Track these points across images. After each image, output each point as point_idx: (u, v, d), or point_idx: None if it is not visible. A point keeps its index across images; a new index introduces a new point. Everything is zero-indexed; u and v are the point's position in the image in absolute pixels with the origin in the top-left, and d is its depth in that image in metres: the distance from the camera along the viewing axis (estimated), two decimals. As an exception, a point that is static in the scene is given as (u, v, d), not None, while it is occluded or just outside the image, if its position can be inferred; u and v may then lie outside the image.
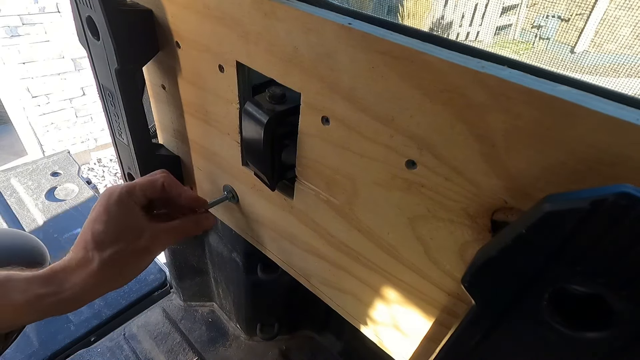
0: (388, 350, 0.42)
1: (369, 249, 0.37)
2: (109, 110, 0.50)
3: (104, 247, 0.38)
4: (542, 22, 3.85)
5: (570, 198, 0.18)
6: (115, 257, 0.38)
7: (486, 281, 0.23)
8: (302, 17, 0.29)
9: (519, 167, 0.23)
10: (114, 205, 0.39)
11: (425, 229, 0.31)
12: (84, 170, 3.55)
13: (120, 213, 0.39)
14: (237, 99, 0.40)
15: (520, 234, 0.20)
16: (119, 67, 0.42)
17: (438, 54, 0.24)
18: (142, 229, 0.40)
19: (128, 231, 0.39)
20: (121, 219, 0.39)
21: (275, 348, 0.92)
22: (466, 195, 0.27)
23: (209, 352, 0.92)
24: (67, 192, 1.40)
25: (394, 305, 0.38)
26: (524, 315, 0.22)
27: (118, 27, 0.40)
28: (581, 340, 0.20)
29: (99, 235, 0.38)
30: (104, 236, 0.38)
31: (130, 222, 0.39)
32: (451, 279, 0.31)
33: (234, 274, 0.82)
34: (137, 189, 0.41)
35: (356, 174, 0.34)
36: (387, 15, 2.43)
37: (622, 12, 3.12)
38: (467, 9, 3.60)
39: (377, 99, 0.28)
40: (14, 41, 2.89)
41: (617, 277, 0.18)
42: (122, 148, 0.54)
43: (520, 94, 0.21)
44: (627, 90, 1.09)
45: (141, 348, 0.92)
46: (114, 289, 0.40)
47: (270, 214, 0.47)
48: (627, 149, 0.19)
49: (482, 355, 0.25)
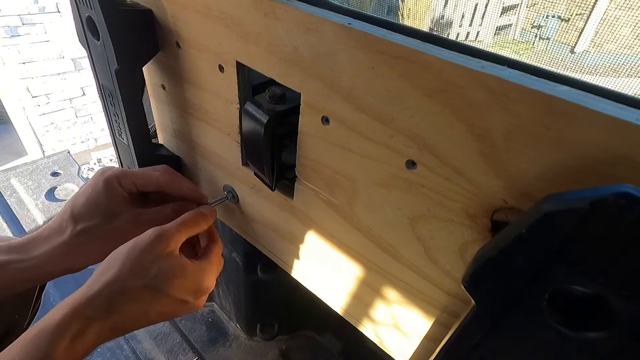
0: (388, 350, 0.42)
1: (369, 249, 0.37)
2: (109, 110, 0.50)
3: (79, 219, 0.39)
4: (542, 22, 3.85)
5: (570, 198, 0.18)
6: (86, 231, 0.39)
7: (486, 281, 0.23)
8: (302, 17, 0.29)
9: (519, 167, 0.23)
10: (101, 184, 0.40)
11: (425, 229, 0.31)
12: (84, 170, 3.55)
13: (103, 192, 0.40)
14: (237, 99, 0.40)
15: (520, 234, 0.20)
16: (119, 67, 0.42)
17: (438, 54, 0.24)
18: (120, 212, 0.40)
19: (106, 210, 0.40)
20: (102, 198, 0.40)
21: (275, 348, 0.92)
22: (466, 195, 0.27)
23: (209, 352, 0.92)
24: (67, 192, 1.40)
25: (394, 305, 0.38)
26: (524, 316, 0.22)
27: (118, 27, 0.40)
28: (581, 340, 0.20)
29: (79, 208, 0.39)
30: (82, 209, 0.39)
31: (111, 202, 0.40)
32: (451, 279, 0.31)
33: (234, 274, 0.82)
34: (128, 176, 0.42)
35: (356, 174, 0.34)
36: (387, 15, 2.43)
37: (622, 12, 3.12)
38: (467, 9, 3.60)
39: (377, 98, 0.28)
40: (14, 41, 2.90)
41: (617, 277, 0.18)
42: (122, 148, 0.54)
43: (520, 94, 0.21)
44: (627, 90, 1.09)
45: (141, 348, 0.92)
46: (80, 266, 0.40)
47: (270, 214, 0.47)
48: (627, 149, 0.19)
49: (482, 355, 0.25)
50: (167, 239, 0.36)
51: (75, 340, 0.31)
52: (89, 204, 0.40)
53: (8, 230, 1.21)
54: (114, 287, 0.33)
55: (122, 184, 0.41)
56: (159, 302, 0.35)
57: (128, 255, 0.35)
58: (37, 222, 1.27)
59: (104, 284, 0.33)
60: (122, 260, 0.35)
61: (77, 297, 0.33)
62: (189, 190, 0.45)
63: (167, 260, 0.36)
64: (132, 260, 0.35)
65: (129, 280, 0.34)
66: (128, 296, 0.34)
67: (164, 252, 0.36)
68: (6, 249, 0.37)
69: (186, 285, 0.36)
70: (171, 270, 0.35)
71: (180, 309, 0.37)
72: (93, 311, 0.32)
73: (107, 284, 0.33)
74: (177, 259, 0.36)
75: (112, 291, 0.33)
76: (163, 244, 0.36)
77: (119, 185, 0.41)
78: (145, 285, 0.34)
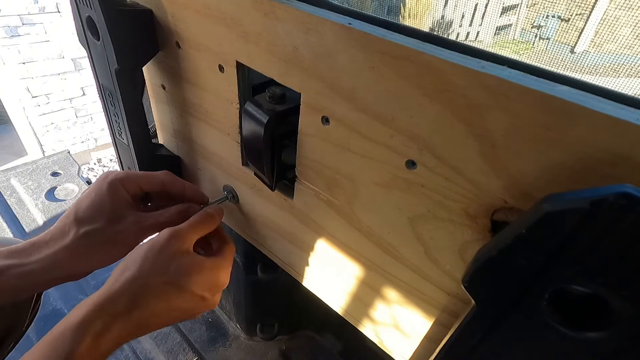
0: (388, 350, 0.42)
1: (369, 249, 0.37)
2: (109, 110, 0.50)
3: (82, 223, 0.39)
4: (542, 22, 3.86)
5: (570, 198, 0.18)
6: (89, 234, 0.38)
7: (486, 281, 0.23)
8: (302, 17, 0.29)
9: (518, 167, 0.23)
10: (105, 186, 0.40)
11: (425, 229, 0.31)
12: (84, 170, 3.55)
13: (107, 195, 0.40)
14: (237, 99, 0.40)
15: (520, 234, 0.20)
16: (119, 67, 0.42)
17: (438, 54, 0.24)
18: (124, 215, 0.40)
19: (109, 213, 0.40)
20: (106, 201, 0.40)
21: (275, 348, 0.92)
22: (466, 195, 0.27)
23: (209, 352, 0.92)
24: (67, 192, 1.40)
25: (394, 305, 0.38)
26: (524, 316, 0.22)
27: (118, 27, 0.40)
28: (581, 340, 0.20)
29: (82, 211, 0.39)
30: (85, 213, 0.39)
31: (114, 205, 0.40)
32: (451, 279, 0.31)
33: (234, 274, 0.82)
34: (132, 178, 0.42)
35: (356, 174, 0.34)
36: (387, 15, 2.43)
37: (622, 12, 3.12)
38: (467, 9, 3.60)
39: (377, 99, 0.28)
40: (14, 41, 2.90)
41: (617, 277, 0.18)
42: (122, 148, 0.54)
43: (520, 94, 0.21)
44: (627, 90, 1.09)
45: (141, 348, 0.92)
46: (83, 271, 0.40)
47: (270, 214, 0.47)
48: (627, 149, 0.19)
49: (482, 355, 0.25)
50: (181, 237, 0.37)
51: (99, 338, 0.32)
52: (92, 207, 0.39)
53: (8, 231, 1.21)
54: (136, 283, 0.34)
55: (125, 186, 0.41)
56: (180, 298, 0.36)
57: (147, 253, 0.36)
58: (37, 222, 1.27)
59: (125, 281, 0.34)
60: (142, 258, 0.35)
61: (99, 295, 0.33)
62: (190, 190, 0.45)
63: (185, 257, 0.37)
64: (152, 258, 0.35)
65: (151, 277, 0.35)
66: (150, 292, 0.34)
67: (181, 250, 0.37)
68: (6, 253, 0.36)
69: (204, 281, 0.37)
70: (190, 266, 0.36)
71: (199, 305, 0.38)
72: (116, 308, 0.33)
73: (128, 281, 0.34)
74: (194, 256, 0.37)
75: (134, 288, 0.34)
76: (179, 242, 0.37)
77: (122, 188, 0.41)
78: (166, 282, 0.35)
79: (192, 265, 0.36)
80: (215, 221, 0.42)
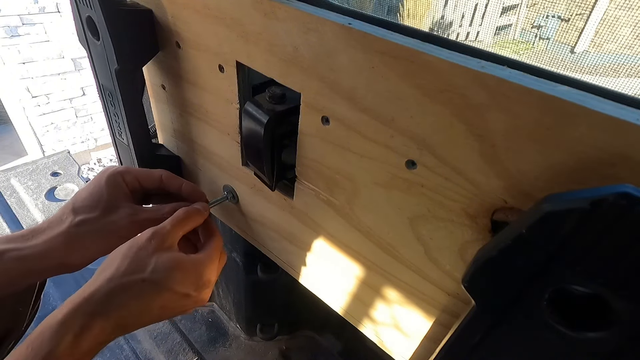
0: (388, 350, 0.42)
1: (369, 249, 0.37)
2: (109, 110, 0.50)
3: (78, 212, 0.40)
4: (542, 22, 3.86)
5: (570, 198, 0.18)
6: (84, 222, 0.39)
7: (486, 281, 0.23)
8: (302, 17, 0.29)
9: (518, 167, 0.23)
10: (104, 178, 0.41)
11: (425, 229, 0.31)
12: (84, 170, 3.55)
13: (105, 186, 0.41)
14: (237, 99, 0.40)
15: (520, 234, 0.20)
16: (119, 67, 0.42)
17: (438, 54, 0.24)
18: (120, 206, 0.41)
19: (106, 204, 0.41)
20: (104, 192, 0.41)
21: (275, 348, 0.92)
22: (466, 195, 0.27)
23: (209, 352, 0.92)
24: (67, 192, 1.40)
25: (394, 305, 0.38)
26: (524, 316, 0.22)
27: (118, 27, 0.40)
28: (581, 340, 0.20)
29: (80, 201, 0.40)
30: (83, 202, 0.40)
31: (112, 197, 0.41)
32: (451, 279, 0.31)
33: (234, 274, 0.82)
34: (131, 173, 0.43)
35: (356, 174, 0.34)
36: (387, 15, 2.43)
37: (622, 12, 3.12)
38: (467, 9, 3.60)
39: (377, 99, 0.28)
40: (14, 41, 2.90)
41: (617, 277, 0.18)
42: (122, 148, 0.54)
43: (520, 94, 0.21)
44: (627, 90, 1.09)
45: (141, 348, 0.92)
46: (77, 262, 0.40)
47: (270, 214, 0.47)
48: (627, 149, 0.19)
49: (482, 355, 0.25)
50: (162, 235, 0.37)
51: (79, 337, 0.32)
52: (90, 198, 0.41)
53: (8, 231, 1.21)
54: (113, 283, 0.34)
55: (125, 179, 0.42)
56: (160, 297, 0.35)
57: (126, 253, 0.36)
58: (37, 222, 1.27)
59: (103, 280, 0.34)
60: (121, 258, 0.36)
61: (78, 295, 0.34)
62: (188, 187, 0.46)
63: (164, 255, 0.36)
64: (130, 257, 0.35)
65: (127, 276, 0.34)
66: (128, 291, 0.34)
67: (160, 248, 0.36)
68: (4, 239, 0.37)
69: (186, 278, 0.37)
70: (168, 264, 0.36)
71: (183, 303, 0.38)
72: (94, 307, 0.33)
73: (106, 280, 0.34)
74: (175, 254, 0.37)
75: (111, 287, 0.34)
76: (159, 240, 0.37)
77: (122, 180, 0.42)
78: (143, 279, 0.35)
79: (172, 262, 0.36)
80: (201, 215, 0.42)
